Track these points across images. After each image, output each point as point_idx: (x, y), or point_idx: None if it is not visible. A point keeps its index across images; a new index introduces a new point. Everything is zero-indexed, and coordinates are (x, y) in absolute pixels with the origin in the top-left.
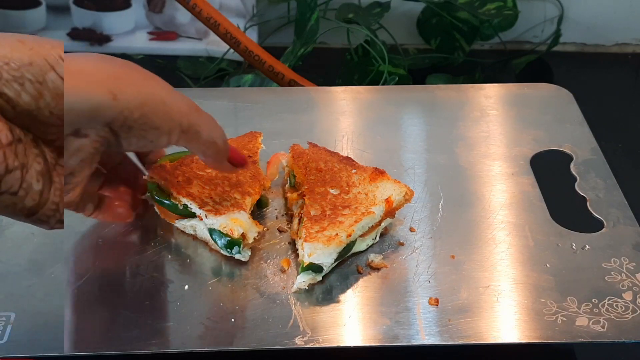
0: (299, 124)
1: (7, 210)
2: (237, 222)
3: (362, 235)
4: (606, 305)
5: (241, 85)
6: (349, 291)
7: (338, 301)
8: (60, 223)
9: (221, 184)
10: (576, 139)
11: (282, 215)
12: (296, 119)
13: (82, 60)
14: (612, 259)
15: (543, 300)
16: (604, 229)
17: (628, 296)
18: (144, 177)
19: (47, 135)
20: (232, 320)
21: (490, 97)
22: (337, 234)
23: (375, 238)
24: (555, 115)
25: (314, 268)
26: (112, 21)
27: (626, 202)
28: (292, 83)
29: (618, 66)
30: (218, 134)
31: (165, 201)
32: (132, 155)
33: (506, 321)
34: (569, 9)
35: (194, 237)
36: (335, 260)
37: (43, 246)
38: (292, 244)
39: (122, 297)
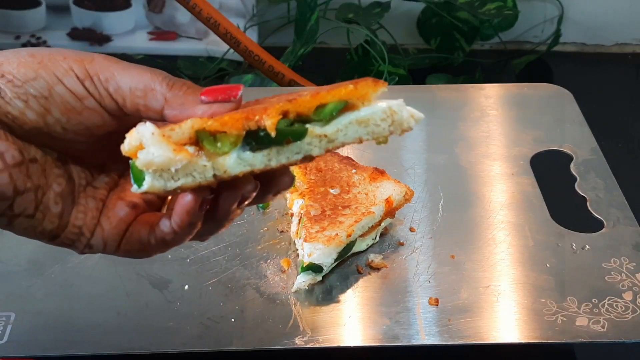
0: None
1: (27, 233)
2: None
3: (362, 235)
4: (606, 305)
5: None
6: (349, 291)
7: (338, 301)
8: (89, 248)
9: None
10: (576, 139)
11: (282, 216)
12: None
13: None
14: (612, 259)
15: (543, 300)
16: (604, 229)
17: (628, 296)
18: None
19: (76, 153)
20: (232, 320)
21: (490, 97)
22: (337, 234)
23: (375, 238)
24: (555, 115)
25: (314, 268)
26: (112, 21)
27: (626, 202)
28: (292, 83)
29: (618, 66)
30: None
31: None
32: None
33: (506, 321)
34: (569, 9)
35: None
36: (335, 260)
37: (43, 246)
38: (292, 244)
39: (122, 297)
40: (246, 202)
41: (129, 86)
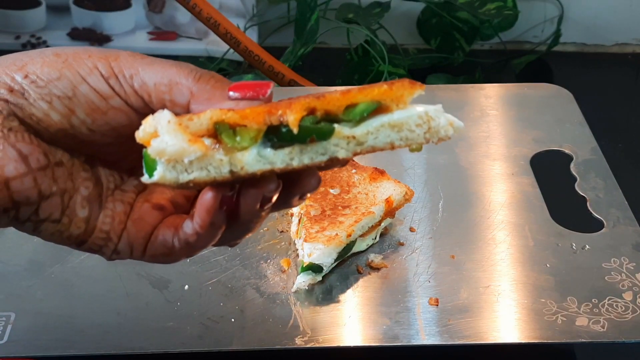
0: None
1: (54, 239)
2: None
3: (362, 235)
4: (606, 305)
5: None
6: (349, 291)
7: (338, 301)
8: (117, 254)
9: None
10: (576, 139)
11: (282, 216)
12: None
13: None
14: (612, 259)
15: (543, 300)
16: (604, 229)
17: (628, 296)
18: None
19: (105, 156)
20: (232, 320)
21: (490, 97)
22: (337, 234)
23: (375, 238)
24: (555, 115)
25: (314, 268)
26: (112, 21)
27: (626, 202)
28: (292, 83)
29: (618, 66)
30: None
31: None
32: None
33: (506, 321)
34: (569, 9)
35: None
36: (335, 260)
37: (43, 246)
38: (292, 244)
39: (122, 297)
40: (269, 204)
41: (154, 81)
